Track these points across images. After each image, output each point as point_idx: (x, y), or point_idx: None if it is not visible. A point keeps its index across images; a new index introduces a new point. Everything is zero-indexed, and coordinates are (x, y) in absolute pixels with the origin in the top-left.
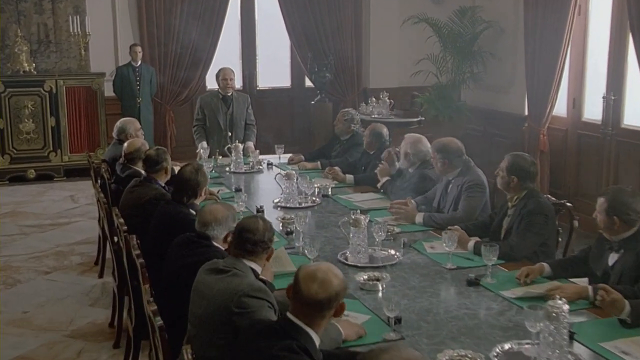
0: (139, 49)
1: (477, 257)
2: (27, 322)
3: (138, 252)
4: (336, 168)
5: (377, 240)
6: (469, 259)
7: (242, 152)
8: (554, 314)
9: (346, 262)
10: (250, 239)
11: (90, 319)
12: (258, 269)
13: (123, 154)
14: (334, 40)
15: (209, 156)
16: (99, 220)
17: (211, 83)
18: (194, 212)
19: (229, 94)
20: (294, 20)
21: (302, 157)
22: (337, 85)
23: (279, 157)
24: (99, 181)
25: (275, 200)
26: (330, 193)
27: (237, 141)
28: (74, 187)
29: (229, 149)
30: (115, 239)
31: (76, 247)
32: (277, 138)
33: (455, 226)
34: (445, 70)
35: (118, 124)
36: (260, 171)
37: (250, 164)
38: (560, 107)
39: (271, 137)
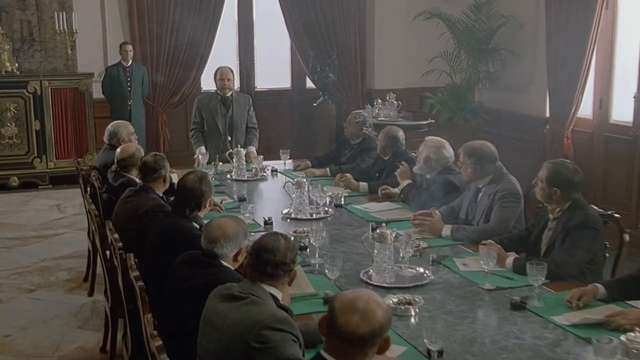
0: (129, 47)
1: (517, 275)
2: (8, 347)
3: (137, 273)
4: (348, 175)
5: (404, 257)
6: (509, 277)
7: (244, 158)
8: (634, 350)
9: (370, 281)
10: (271, 260)
11: (80, 342)
12: (279, 294)
13: (116, 160)
14: (336, 38)
15: (208, 162)
16: (88, 233)
17: (207, 84)
18: (197, 226)
19: (229, 95)
20: (295, 17)
21: (309, 163)
22: (340, 86)
23: (284, 163)
24: (88, 190)
25: (285, 211)
26: (343, 203)
27: (238, 146)
28: (61, 195)
29: (230, 154)
30: (108, 253)
31: (63, 261)
32: (276, 142)
33: (489, 240)
34: (459, 69)
35: (109, 127)
36: (264, 179)
37: (253, 170)
38: (586, 108)
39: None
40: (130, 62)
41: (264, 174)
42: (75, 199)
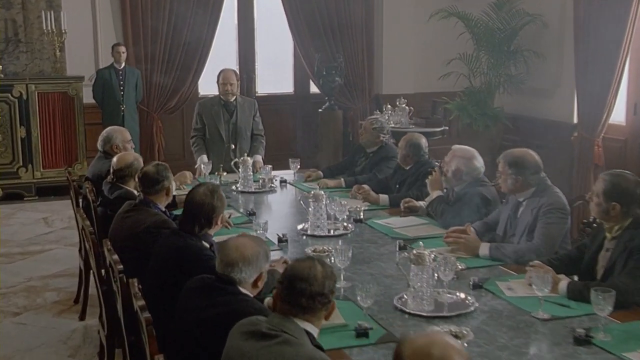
0: (122, 49)
1: (572, 302)
2: None
3: (142, 302)
4: (366, 187)
5: (444, 281)
6: (564, 305)
7: (251, 168)
8: None
9: (405, 309)
10: (306, 290)
11: None
12: (314, 331)
13: (111, 170)
14: (342, 40)
15: (211, 172)
16: (80, 249)
17: (205, 88)
18: (207, 245)
19: (232, 100)
20: (298, 18)
21: (321, 173)
22: (346, 91)
23: (294, 174)
24: (80, 203)
25: (300, 227)
26: (362, 217)
27: (245, 154)
28: (48, 208)
29: (236, 164)
30: (103, 272)
31: (51, 281)
32: (277, 150)
33: (537, 262)
34: (478, 71)
35: (104, 133)
36: (272, 190)
37: (261, 181)
38: (618, 114)
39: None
40: (123, 64)
41: (273, 185)
42: (64, 212)
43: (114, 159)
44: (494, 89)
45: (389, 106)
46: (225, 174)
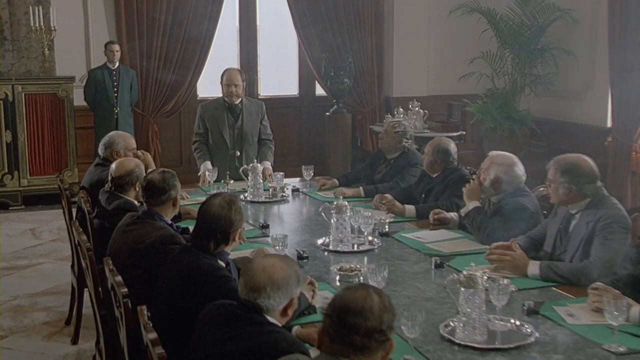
0: (116, 47)
1: None
2: None
3: (154, 335)
4: (388, 196)
5: (497, 306)
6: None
7: (261, 175)
8: None
9: (455, 339)
10: (360, 326)
11: None
12: None
13: (110, 177)
14: (350, 39)
15: (217, 180)
16: (72, 265)
17: (204, 90)
18: (223, 264)
19: (237, 102)
20: (304, 15)
21: (336, 181)
22: (355, 94)
23: (308, 182)
24: (74, 215)
25: (320, 242)
26: (387, 230)
27: (255, 160)
28: (36, 218)
29: (244, 171)
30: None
31: (40, 299)
32: (281, 157)
33: (599, 283)
34: (502, 72)
35: (106, 137)
36: (284, 200)
37: (271, 190)
38: None
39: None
40: (117, 64)
41: (284, 194)
42: (53, 222)
43: (113, 166)
44: (519, 90)
45: (401, 109)
46: (232, 182)
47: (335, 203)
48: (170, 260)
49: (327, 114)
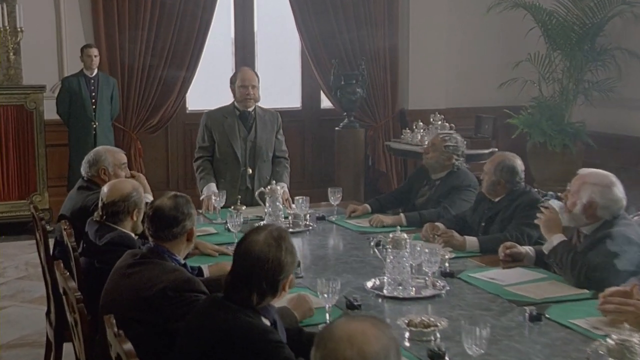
0: (94, 51)
1: None
2: None
3: None
4: (440, 225)
5: None
6: None
7: (280, 200)
8: None
9: None
10: None
11: None
12: None
13: (100, 204)
14: (361, 44)
15: (225, 206)
16: (47, 312)
17: (194, 102)
18: (268, 323)
19: (251, 110)
20: (307, 16)
21: (368, 207)
22: (365, 106)
23: (335, 208)
24: (50, 250)
25: (370, 285)
26: (449, 268)
27: (273, 182)
28: None
29: (261, 194)
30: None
31: (5, 353)
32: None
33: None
34: (550, 78)
35: (91, 153)
36: (308, 229)
37: (291, 218)
38: None
39: None
40: (95, 71)
41: (307, 221)
42: (20, 257)
43: (104, 189)
44: (572, 99)
45: (421, 123)
46: (244, 208)
47: (391, 236)
48: (196, 316)
49: (337, 128)
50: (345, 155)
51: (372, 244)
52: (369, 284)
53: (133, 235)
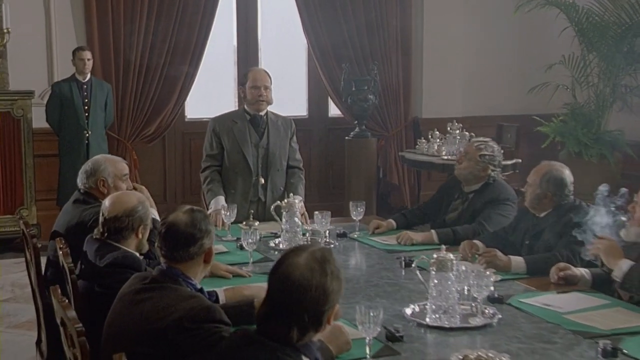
0: (87, 54)
1: None
2: None
3: None
4: (478, 243)
5: None
6: None
7: (298, 215)
8: None
9: None
10: None
11: None
12: None
13: (101, 219)
14: (372, 46)
15: (235, 222)
16: (38, 342)
17: (193, 111)
18: None
19: (262, 114)
20: (314, 17)
21: (393, 223)
22: (376, 114)
23: (357, 223)
24: (43, 270)
25: (409, 312)
26: (495, 292)
27: (290, 195)
28: None
29: (277, 208)
30: None
31: None
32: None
33: None
34: (585, 82)
35: (89, 162)
36: (331, 246)
37: (308, 235)
38: None
39: None
40: (88, 76)
41: (328, 239)
42: (5, 277)
43: (106, 202)
44: (608, 105)
45: (437, 133)
46: (257, 223)
47: (435, 256)
48: (224, 354)
49: (348, 138)
50: (356, 167)
51: (413, 265)
52: (408, 311)
53: (137, 254)
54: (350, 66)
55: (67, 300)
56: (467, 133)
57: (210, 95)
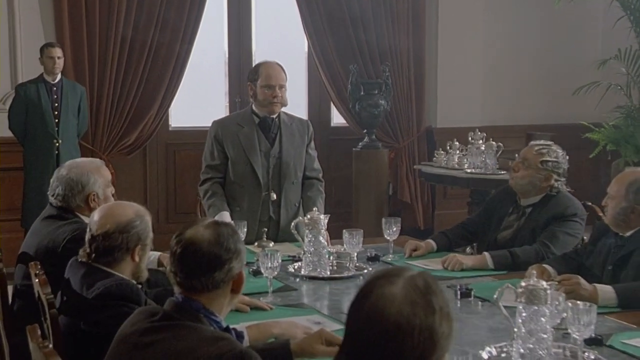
0: (57, 51)
1: None
2: None
3: None
4: (549, 269)
5: None
6: None
7: (323, 234)
8: None
9: None
10: None
11: None
12: None
13: (88, 236)
14: (381, 45)
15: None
16: None
17: (178, 118)
18: None
19: (274, 116)
20: (316, 13)
21: (433, 244)
22: (386, 122)
23: (391, 244)
24: (10, 302)
25: (486, 357)
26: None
27: (314, 209)
28: None
29: (298, 225)
30: None
31: None
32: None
33: None
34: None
35: (62, 170)
36: (362, 273)
37: (333, 258)
38: None
39: None
40: (59, 76)
41: (357, 263)
42: None
43: (95, 216)
44: None
45: (457, 143)
46: (271, 244)
47: (524, 284)
48: None
49: (355, 149)
50: (366, 182)
51: (495, 296)
52: (485, 355)
53: (133, 281)
54: (357, 68)
55: (50, 345)
56: (494, 143)
57: (197, 98)
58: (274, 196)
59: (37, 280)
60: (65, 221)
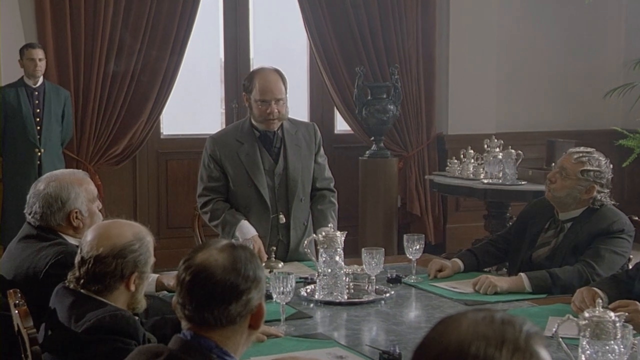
0: (39, 53)
1: None
2: None
3: None
4: (598, 291)
5: None
6: None
7: (341, 254)
8: None
9: None
10: None
11: None
12: None
13: (78, 259)
14: (388, 46)
15: None
16: None
17: (171, 127)
18: None
19: (277, 130)
20: (318, 12)
21: (460, 263)
22: (394, 129)
23: (414, 264)
24: None
25: None
26: None
27: (329, 226)
28: None
29: (311, 244)
30: None
31: None
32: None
33: None
34: None
35: (47, 188)
36: (383, 298)
37: (350, 280)
38: None
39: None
40: (40, 80)
41: (373, 284)
42: None
43: (88, 235)
44: None
45: (471, 151)
46: (280, 265)
47: (588, 315)
48: None
49: (362, 158)
50: (374, 193)
51: (554, 329)
52: None
53: (131, 314)
54: (364, 70)
55: None
56: (513, 151)
57: (189, 104)
58: (284, 219)
59: (16, 311)
60: (47, 242)
